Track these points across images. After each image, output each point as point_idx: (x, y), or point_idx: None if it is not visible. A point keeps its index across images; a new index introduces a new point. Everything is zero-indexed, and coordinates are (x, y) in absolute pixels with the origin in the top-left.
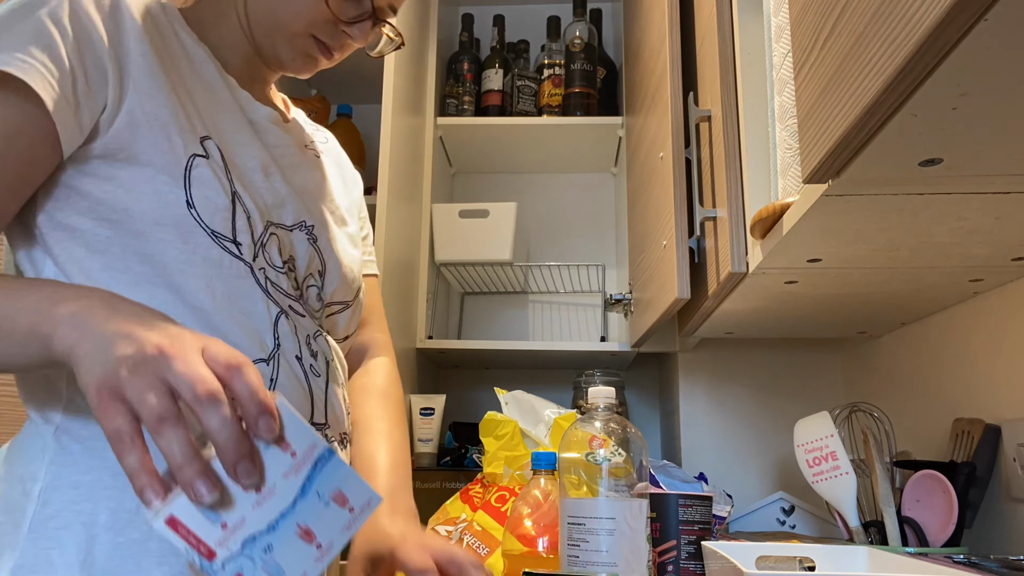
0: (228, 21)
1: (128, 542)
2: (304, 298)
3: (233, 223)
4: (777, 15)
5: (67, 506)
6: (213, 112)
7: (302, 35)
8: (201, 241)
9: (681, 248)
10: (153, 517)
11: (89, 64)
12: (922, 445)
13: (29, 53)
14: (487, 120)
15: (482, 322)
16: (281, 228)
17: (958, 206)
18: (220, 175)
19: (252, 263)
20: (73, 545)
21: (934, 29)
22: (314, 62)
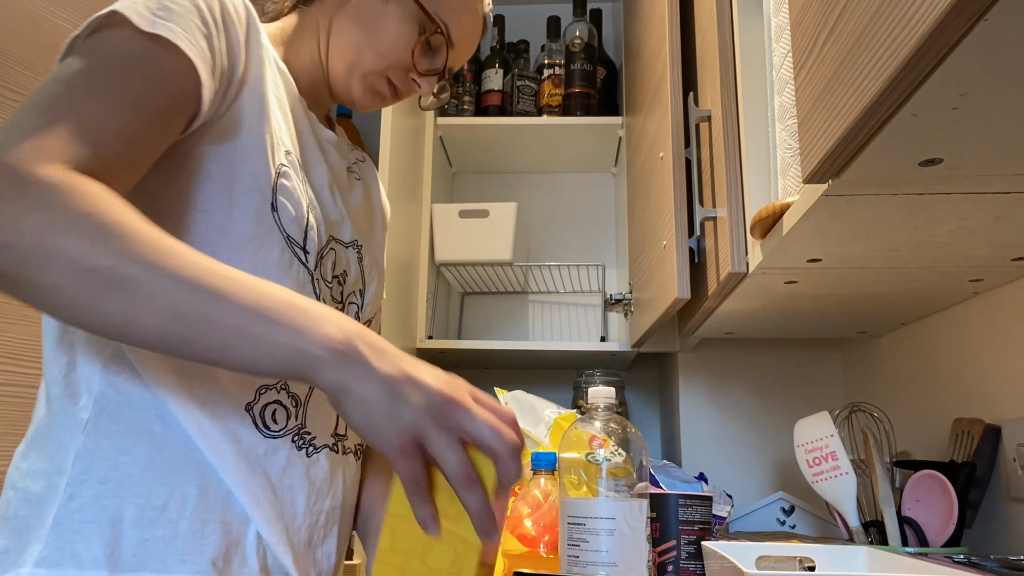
0: (307, 47)
1: (154, 539)
2: (344, 311)
3: (305, 232)
4: (777, 15)
5: (94, 500)
6: (294, 129)
7: (378, 74)
8: (276, 244)
9: (681, 248)
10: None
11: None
12: (922, 445)
13: (195, 37)
14: (487, 120)
15: (482, 322)
16: (340, 244)
17: (958, 206)
18: (299, 186)
19: (313, 272)
20: (99, 539)
21: (934, 29)
22: (381, 100)
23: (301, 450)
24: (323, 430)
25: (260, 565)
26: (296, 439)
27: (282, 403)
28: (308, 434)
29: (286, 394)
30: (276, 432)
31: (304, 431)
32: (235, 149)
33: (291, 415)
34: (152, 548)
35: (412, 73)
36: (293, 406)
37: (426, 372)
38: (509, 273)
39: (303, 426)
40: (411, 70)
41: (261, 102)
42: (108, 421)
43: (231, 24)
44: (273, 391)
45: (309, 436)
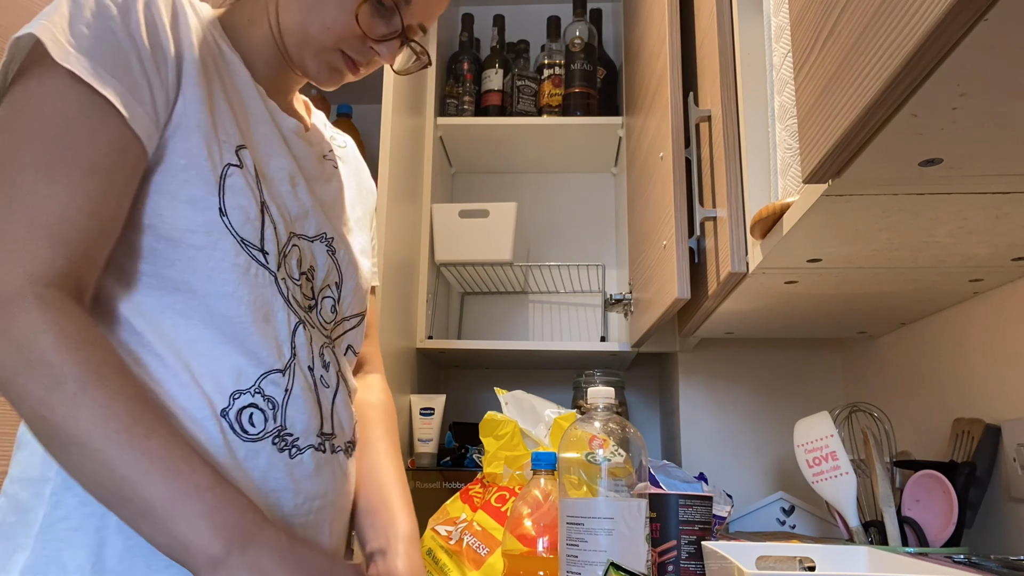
0: (259, 30)
1: (138, 545)
2: (318, 308)
3: (262, 232)
4: (777, 15)
5: (78, 508)
6: (247, 121)
7: (331, 49)
8: (230, 248)
9: (681, 248)
10: None
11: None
12: (922, 445)
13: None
14: (487, 120)
15: (482, 322)
16: (303, 239)
17: (958, 206)
18: (252, 185)
19: (276, 272)
20: (84, 547)
21: (934, 29)
22: (340, 75)
23: (283, 452)
24: (307, 431)
25: None
26: (276, 440)
27: (258, 406)
28: (289, 435)
29: (261, 397)
30: (254, 435)
31: (285, 432)
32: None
33: (268, 417)
34: (136, 554)
35: (368, 41)
36: (270, 409)
37: (318, 556)
38: (509, 273)
39: (283, 427)
40: (365, 38)
41: (197, 100)
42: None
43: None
44: (248, 395)
45: (291, 437)
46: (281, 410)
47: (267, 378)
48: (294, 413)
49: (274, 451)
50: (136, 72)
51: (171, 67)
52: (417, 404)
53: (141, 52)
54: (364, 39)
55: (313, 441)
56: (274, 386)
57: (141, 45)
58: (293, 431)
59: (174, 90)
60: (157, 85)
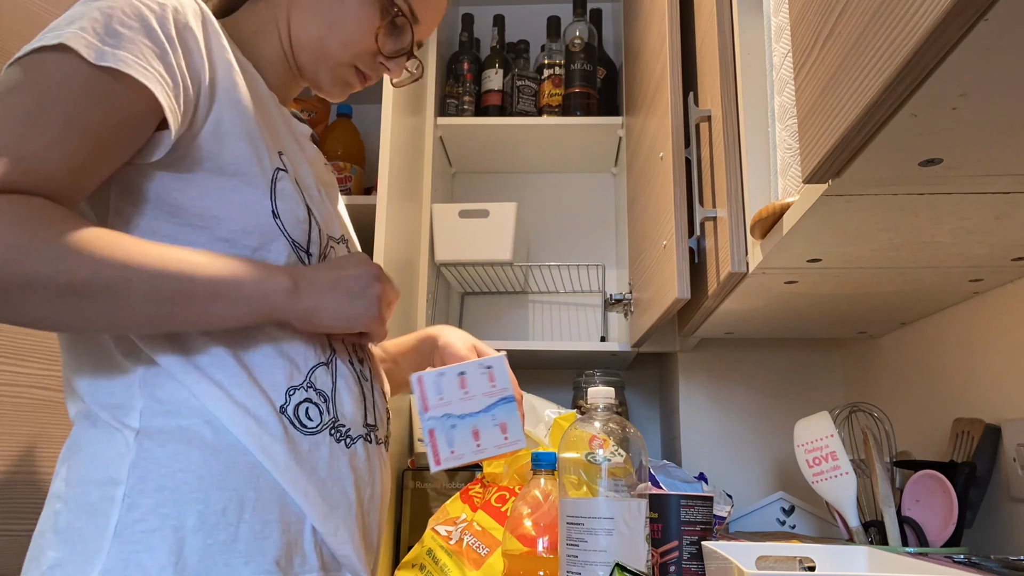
0: (267, 41)
1: (217, 543)
2: None
3: (309, 235)
4: (777, 15)
5: (154, 509)
6: (275, 128)
7: (345, 65)
8: (283, 249)
9: (681, 248)
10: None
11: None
12: (922, 445)
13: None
14: (487, 120)
15: (482, 322)
16: (334, 241)
17: (958, 206)
18: (296, 189)
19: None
20: (164, 548)
21: (934, 29)
22: (350, 88)
23: (340, 442)
24: (355, 421)
25: (319, 562)
26: (333, 432)
27: (312, 400)
28: (343, 427)
29: (313, 391)
30: (313, 428)
31: (339, 424)
32: (226, 160)
33: (323, 410)
34: (216, 552)
35: (379, 57)
36: (322, 401)
37: (350, 267)
38: (509, 273)
39: (336, 419)
40: (377, 55)
41: (239, 106)
42: (159, 430)
43: (186, 34)
44: (302, 390)
45: (344, 428)
46: (332, 401)
47: (315, 372)
48: (343, 404)
49: (332, 442)
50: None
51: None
52: None
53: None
54: (377, 55)
55: (362, 432)
56: (322, 378)
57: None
58: (345, 422)
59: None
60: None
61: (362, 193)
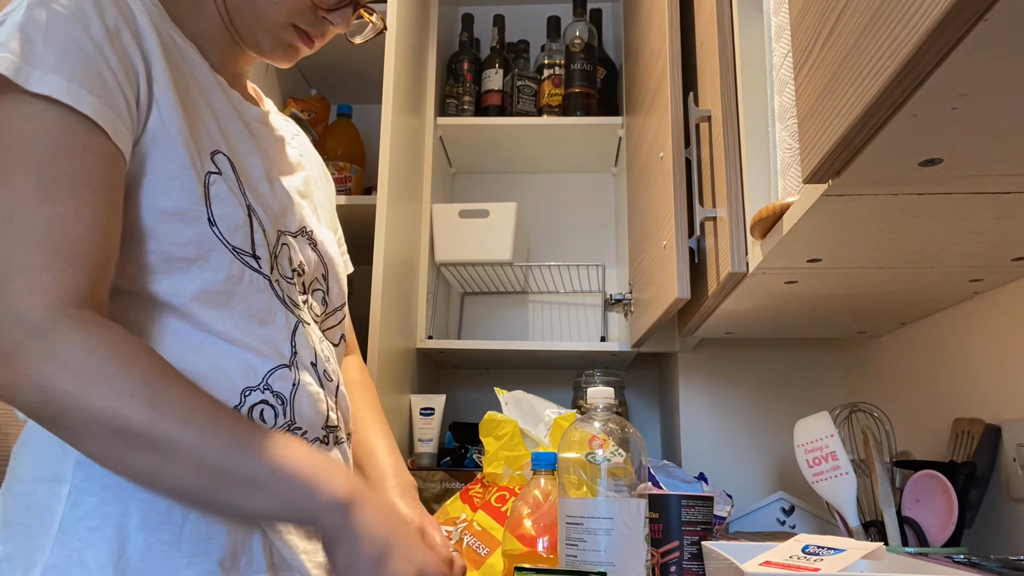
0: (206, 12)
1: (160, 543)
2: (309, 304)
3: (252, 237)
4: (777, 15)
5: (98, 507)
6: (216, 120)
7: (283, 25)
8: (224, 259)
9: (681, 248)
10: None
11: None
12: (922, 445)
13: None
14: (487, 120)
15: (482, 322)
16: (289, 235)
17: (958, 206)
18: (235, 189)
19: (270, 275)
20: (106, 546)
21: (934, 29)
22: (295, 51)
23: None
24: (313, 423)
25: (267, 563)
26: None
27: (268, 402)
28: (299, 429)
29: (271, 393)
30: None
31: (295, 427)
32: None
33: (279, 413)
34: (159, 552)
35: (320, 12)
36: (279, 404)
37: (410, 548)
38: (509, 273)
39: (292, 422)
40: (316, 8)
41: (172, 106)
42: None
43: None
44: (258, 391)
45: (300, 431)
46: (289, 404)
47: (274, 374)
48: (301, 407)
49: None
50: (110, 84)
51: (141, 74)
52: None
53: (111, 62)
54: (315, 9)
55: (319, 434)
56: (281, 381)
57: (109, 54)
58: (302, 425)
59: (146, 98)
60: (129, 93)
61: (362, 193)
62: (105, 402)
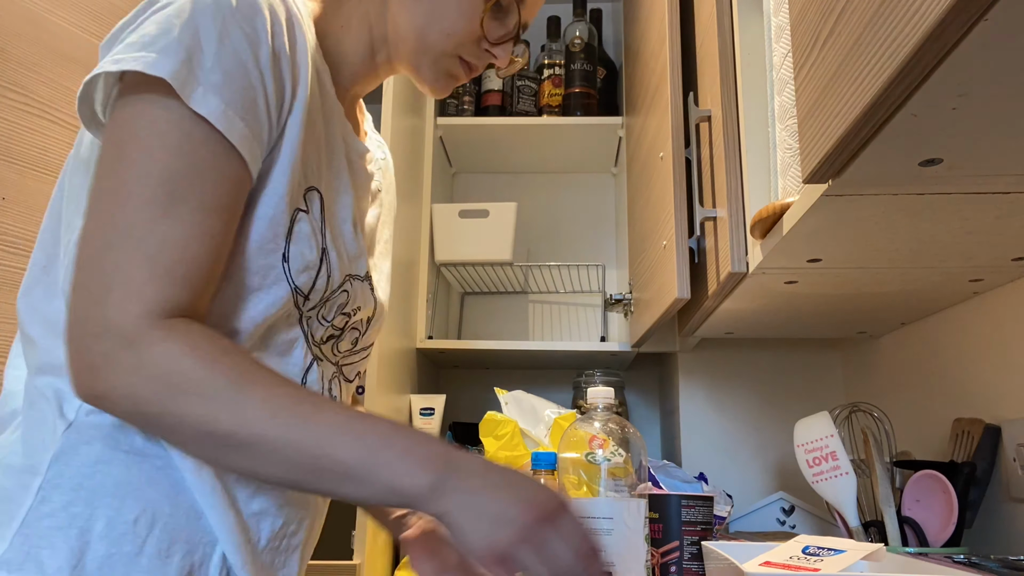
0: (354, 36)
1: (120, 554)
2: (337, 339)
3: (315, 281)
4: (777, 15)
5: (65, 507)
6: (323, 153)
7: (449, 55)
8: (283, 294)
9: (681, 248)
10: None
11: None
12: (922, 445)
13: (243, 114)
14: (487, 120)
15: (482, 322)
16: (356, 280)
17: (958, 206)
18: (316, 229)
19: (305, 311)
20: (65, 548)
21: (934, 29)
22: (455, 81)
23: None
24: None
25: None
26: None
27: None
28: None
29: None
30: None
31: None
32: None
33: None
34: (117, 563)
35: (484, 44)
36: None
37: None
38: (509, 273)
39: None
40: (483, 41)
41: (296, 140)
42: (90, 427)
43: (280, 57)
44: None
45: None
46: None
47: None
48: None
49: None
50: (261, 113)
51: (287, 103)
52: (417, 404)
53: (268, 90)
54: (481, 42)
55: None
56: None
57: (268, 82)
58: None
59: (279, 127)
60: (274, 121)
61: None
62: (191, 408)
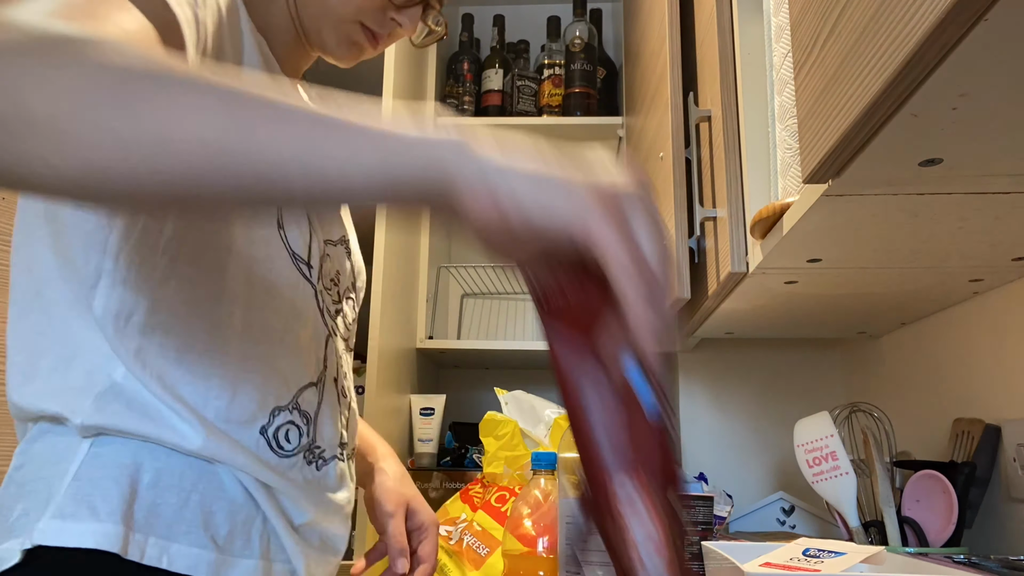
0: (276, 5)
1: (165, 504)
2: (343, 314)
3: (309, 246)
4: (777, 15)
5: (114, 458)
6: None
7: (350, 21)
8: (285, 262)
9: (681, 248)
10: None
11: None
12: (922, 445)
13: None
14: (487, 120)
15: (482, 322)
16: (330, 244)
17: (958, 206)
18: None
19: (316, 284)
20: (118, 494)
21: (934, 29)
22: (359, 50)
23: (311, 464)
24: (331, 442)
25: (262, 551)
26: (307, 455)
27: (295, 423)
28: (318, 448)
29: (298, 413)
30: (289, 451)
31: (315, 446)
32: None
33: (303, 433)
34: (163, 512)
35: (389, 11)
36: (304, 424)
37: (575, 159)
38: (509, 274)
39: (314, 442)
40: (387, 7)
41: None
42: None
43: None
44: (286, 411)
45: (319, 450)
46: (313, 424)
47: (302, 394)
48: (323, 426)
49: (303, 464)
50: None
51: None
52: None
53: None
54: (385, 8)
55: (336, 452)
56: (308, 400)
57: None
58: (322, 444)
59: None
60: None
61: None
62: (105, 61)
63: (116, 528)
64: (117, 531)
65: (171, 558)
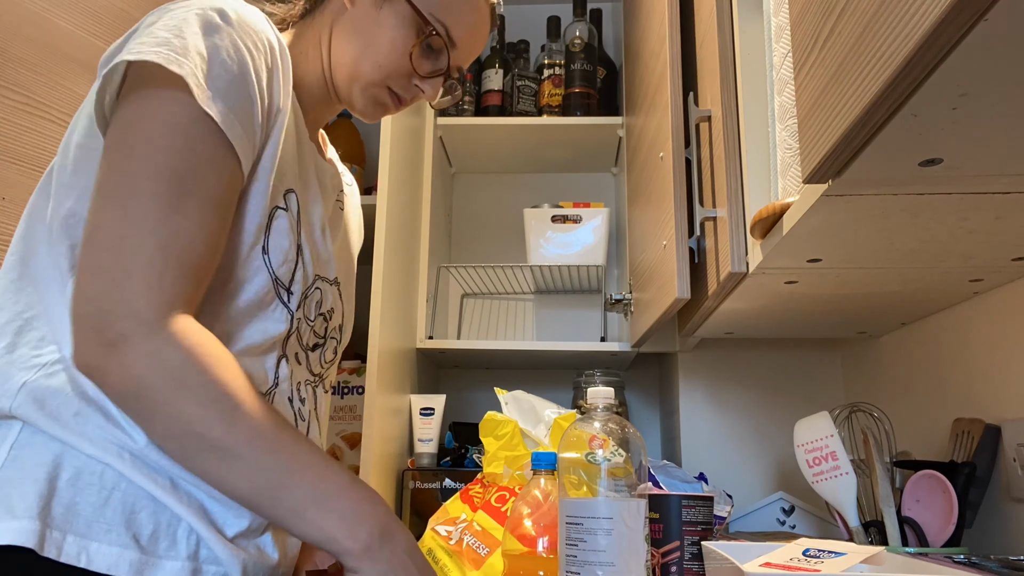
0: (310, 64)
1: (84, 503)
2: (323, 348)
3: (293, 274)
4: (777, 15)
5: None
6: (296, 163)
7: (378, 85)
8: (264, 284)
9: (681, 248)
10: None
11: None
12: (922, 445)
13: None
14: (487, 120)
15: (482, 322)
16: (325, 281)
17: (958, 206)
18: (293, 227)
19: (295, 311)
20: (35, 492)
21: (934, 29)
22: (384, 109)
23: None
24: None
25: (189, 552)
26: None
27: None
28: None
29: None
30: None
31: None
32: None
33: None
34: (81, 511)
35: (414, 79)
36: None
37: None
38: (509, 273)
39: None
40: (412, 76)
41: (276, 145)
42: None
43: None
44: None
45: None
46: None
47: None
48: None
49: None
50: (255, 120)
51: (273, 115)
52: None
53: (261, 101)
54: (411, 76)
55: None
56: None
57: (263, 93)
58: None
59: (264, 134)
60: (261, 130)
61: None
62: (191, 408)
63: (32, 524)
64: (33, 527)
65: (90, 556)
